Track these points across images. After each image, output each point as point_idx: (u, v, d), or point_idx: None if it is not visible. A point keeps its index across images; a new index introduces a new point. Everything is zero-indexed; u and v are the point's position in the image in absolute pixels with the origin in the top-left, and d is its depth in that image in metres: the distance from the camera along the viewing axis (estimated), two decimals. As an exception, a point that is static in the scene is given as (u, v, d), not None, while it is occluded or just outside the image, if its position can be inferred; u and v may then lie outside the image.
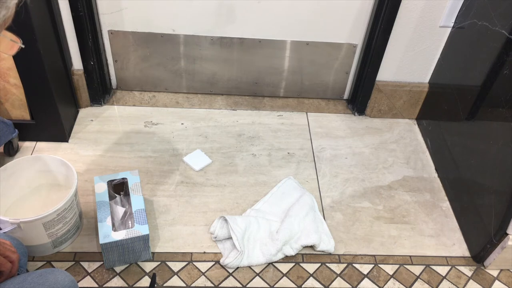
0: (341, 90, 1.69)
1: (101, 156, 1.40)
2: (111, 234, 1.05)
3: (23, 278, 0.80)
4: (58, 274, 0.84)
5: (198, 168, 1.39)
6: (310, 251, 1.21)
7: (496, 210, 1.15)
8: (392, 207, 1.35)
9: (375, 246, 1.24)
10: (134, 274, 1.11)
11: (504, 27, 1.16)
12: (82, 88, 1.53)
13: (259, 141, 1.52)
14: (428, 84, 1.59)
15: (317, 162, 1.46)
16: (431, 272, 1.19)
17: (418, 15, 1.40)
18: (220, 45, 1.53)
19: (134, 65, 1.58)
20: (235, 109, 1.64)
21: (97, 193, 1.14)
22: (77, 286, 0.87)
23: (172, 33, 1.50)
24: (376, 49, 1.49)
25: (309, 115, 1.65)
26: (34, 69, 1.27)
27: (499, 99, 1.17)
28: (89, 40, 1.42)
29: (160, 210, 1.26)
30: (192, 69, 1.60)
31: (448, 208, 1.37)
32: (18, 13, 0.59)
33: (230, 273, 1.14)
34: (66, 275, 0.85)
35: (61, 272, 0.85)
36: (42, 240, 1.08)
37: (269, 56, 1.57)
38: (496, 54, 1.20)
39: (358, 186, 1.40)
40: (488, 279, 1.20)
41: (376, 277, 1.17)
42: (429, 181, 1.44)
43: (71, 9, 1.34)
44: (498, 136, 1.16)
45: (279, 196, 1.32)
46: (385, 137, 1.59)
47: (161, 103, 1.63)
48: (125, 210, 1.15)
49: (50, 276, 0.82)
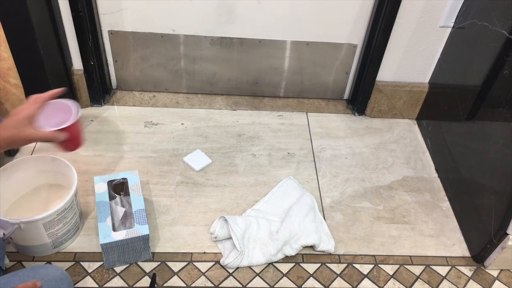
0: (341, 90, 1.69)
1: (101, 156, 1.40)
2: (111, 234, 1.05)
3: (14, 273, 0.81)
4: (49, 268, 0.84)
5: (198, 168, 1.39)
6: (310, 251, 1.21)
7: (496, 210, 1.15)
8: (392, 207, 1.35)
9: (375, 246, 1.24)
10: (134, 274, 1.11)
11: (504, 27, 1.17)
12: (82, 88, 1.53)
13: (259, 141, 1.52)
14: (428, 84, 1.59)
15: (317, 162, 1.46)
16: (431, 272, 1.19)
17: (418, 15, 1.40)
18: (220, 45, 1.53)
19: (134, 65, 1.58)
20: (235, 109, 1.64)
21: (97, 193, 1.14)
22: (70, 279, 0.86)
23: (172, 33, 1.50)
24: (376, 49, 1.49)
25: (309, 115, 1.65)
26: (34, 69, 1.27)
27: (499, 99, 1.17)
28: (89, 40, 1.42)
29: (160, 210, 1.26)
30: (192, 69, 1.60)
31: (448, 208, 1.37)
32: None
33: (230, 273, 1.14)
34: (57, 269, 0.85)
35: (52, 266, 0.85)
36: (42, 240, 1.08)
37: (269, 56, 1.57)
38: (496, 54, 1.20)
39: (358, 186, 1.40)
40: (488, 279, 1.20)
41: (376, 277, 1.17)
42: (429, 181, 1.45)
43: (71, 9, 1.34)
44: (498, 136, 1.16)
45: (279, 196, 1.32)
46: (385, 137, 1.59)
47: (161, 103, 1.63)
48: (125, 210, 1.15)
49: (41, 270, 0.83)
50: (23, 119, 0.92)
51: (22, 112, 0.91)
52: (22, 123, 0.91)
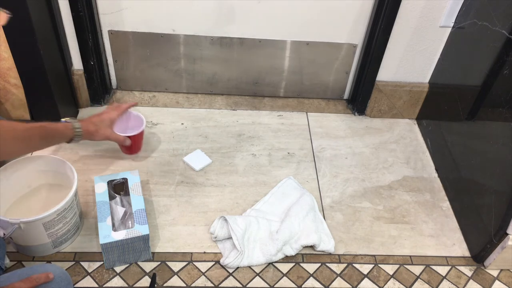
0: (341, 90, 1.69)
1: (101, 156, 1.40)
2: (111, 234, 1.05)
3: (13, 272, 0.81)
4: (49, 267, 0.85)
5: (198, 168, 1.39)
6: (310, 251, 1.21)
7: (496, 210, 1.15)
8: (392, 207, 1.35)
9: (375, 246, 1.24)
10: (134, 274, 1.11)
11: (504, 27, 1.17)
12: (82, 88, 1.53)
13: (259, 141, 1.52)
14: (428, 84, 1.59)
15: (317, 162, 1.46)
16: (431, 272, 1.19)
17: (418, 15, 1.40)
18: (220, 45, 1.53)
19: (134, 65, 1.58)
20: (235, 109, 1.64)
21: (97, 193, 1.15)
22: (70, 278, 0.87)
23: (172, 33, 1.50)
24: (376, 49, 1.49)
25: (309, 115, 1.65)
26: (34, 69, 1.27)
27: (499, 99, 1.17)
28: (89, 40, 1.42)
29: (160, 210, 1.27)
30: (192, 69, 1.60)
31: (448, 208, 1.37)
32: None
33: (230, 273, 1.14)
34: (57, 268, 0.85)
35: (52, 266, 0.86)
36: (42, 240, 1.08)
37: (269, 56, 1.57)
38: (496, 54, 1.20)
39: (358, 186, 1.40)
40: (488, 279, 1.20)
41: (376, 277, 1.17)
42: (429, 181, 1.45)
43: (71, 9, 1.35)
44: (498, 136, 1.16)
45: (279, 196, 1.32)
46: (385, 137, 1.59)
47: (161, 103, 1.63)
48: (125, 210, 1.15)
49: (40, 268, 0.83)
50: (106, 120, 1.18)
51: (107, 115, 1.19)
52: (105, 124, 1.18)
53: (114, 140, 1.22)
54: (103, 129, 1.17)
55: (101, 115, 1.19)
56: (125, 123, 1.33)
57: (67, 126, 1.08)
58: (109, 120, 1.19)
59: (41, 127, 0.99)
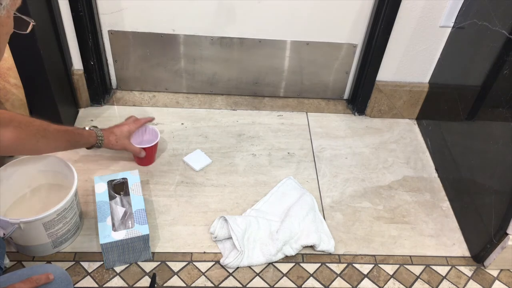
0: (341, 90, 1.69)
1: (101, 156, 1.40)
2: (111, 234, 1.05)
3: (12, 273, 0.82)
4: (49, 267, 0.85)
5: (198, 168, 1.39)
6: (310, 251, 1.21)
7: (496, 210, 1.15)
8: (392, 207, 1.35)
9: (375, 246, 1.24)
10: (134, 274, 1.11)
11: (504, 27, 1.16)
12: (82, 88, 1.53)
13: (259, 141, 1.52)
14: (428, 84, 1.59)
15: (317, 162, 1.46)
16: (431, 272, 1.19)
17: (418, 15, 1.40)
18: (220, 45, 1.53)
19: (134, 65, 1.58)
20: (235, 109, 1.64)
21: (97, 193, 1.15)
22: (70, 278, 0.87)
23: (172, 33, 1.50)
24: (376, 49, 1.49)
25: (309, 115, 1.65)
26: (34, 69, 1.26)
27: (499, 99, 1.17)
28: (89, 40, 1.42)
29: (160, 210, 1.27)
30: (192, 69, 1.60)
31: (448, 208, 1.37)
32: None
33: (230, 273, 1.14)
34: (57, 268, 0.85)
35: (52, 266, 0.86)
36: (42, 240, 1.08)
37: (269, 56, 1.57)
38: (496, 54, 1.20)
39: (358, 186, 1.40)
40: (488, 279, 1.20)
41: (376, 277, 1.17)
42: (429, 181, 1.45)
43: (71, 9, 1.34)
44: (498, 136, 1.16)
45: (279, 196, 1.32)
46: (385, 137, 1.59)
47: (161, 103, 1.63)
48: (125, 210, 1.15)
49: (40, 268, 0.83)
50: (125, 132, 1.27)
51: (126, 127, 1.28)
52: (124, 135, 1.27)
53: (131, 150, 1.29)
54: (122, 140, 1.26)
55: (121, 127, 1.28)
56: (140, 136, 1.39)
57: (91, 133, 1.19)
58: (127, 132, 1.28)
59: (69, 130, 1.11)
